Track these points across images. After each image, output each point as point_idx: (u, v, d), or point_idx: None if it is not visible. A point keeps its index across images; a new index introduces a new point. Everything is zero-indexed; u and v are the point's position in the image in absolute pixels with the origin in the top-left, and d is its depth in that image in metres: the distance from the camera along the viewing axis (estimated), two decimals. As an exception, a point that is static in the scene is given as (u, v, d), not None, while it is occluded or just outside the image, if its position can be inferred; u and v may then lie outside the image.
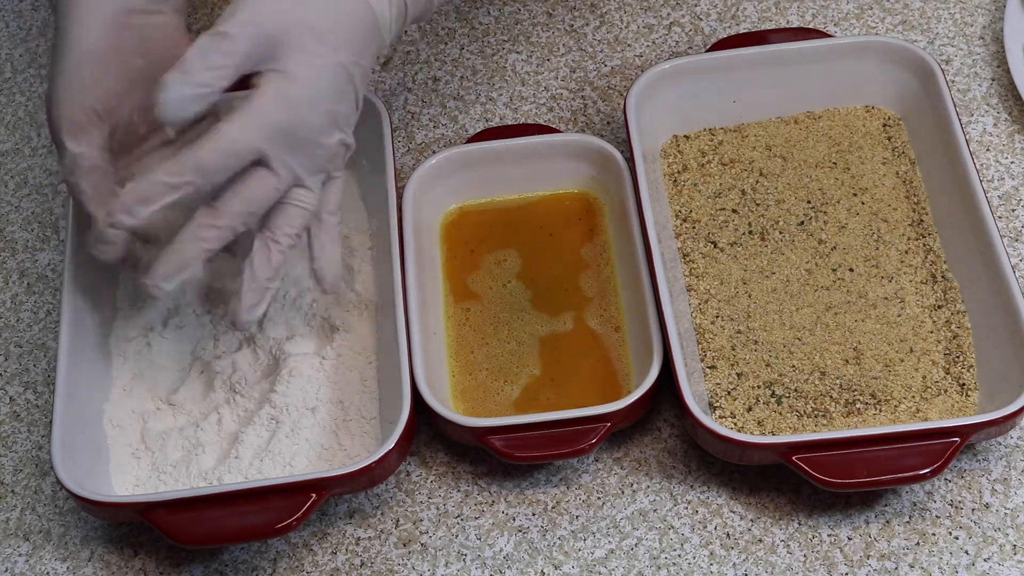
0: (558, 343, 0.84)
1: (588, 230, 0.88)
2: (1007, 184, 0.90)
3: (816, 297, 0.83)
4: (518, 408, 0.82)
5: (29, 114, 1.00)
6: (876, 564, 0.76)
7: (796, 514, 0.79)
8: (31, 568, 0.81)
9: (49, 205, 0.95)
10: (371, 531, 0.80)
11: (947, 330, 0.81)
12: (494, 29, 1.01)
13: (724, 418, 0.79)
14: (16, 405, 0.87)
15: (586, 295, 0.86)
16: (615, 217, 0.87)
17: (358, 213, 0.89)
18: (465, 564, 0.78)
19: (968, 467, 0.79)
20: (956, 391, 0.79)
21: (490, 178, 0.89)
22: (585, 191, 0.90)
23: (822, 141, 0.89)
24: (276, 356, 0.83)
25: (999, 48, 0.95)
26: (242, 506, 0.75)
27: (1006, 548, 0.77)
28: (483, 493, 0.81)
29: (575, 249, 0.88)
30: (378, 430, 0.80)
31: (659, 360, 0.79)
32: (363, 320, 0.84)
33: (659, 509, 0.79)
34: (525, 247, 0.88)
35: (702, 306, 0.83)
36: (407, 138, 0.95)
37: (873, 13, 0.98)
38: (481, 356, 0.84)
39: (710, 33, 0.98)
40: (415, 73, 0.99)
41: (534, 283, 0.87)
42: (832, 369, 0.80)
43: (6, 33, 1.05)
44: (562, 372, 0.83)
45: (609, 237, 0.88)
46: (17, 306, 0.91)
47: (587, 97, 0.96)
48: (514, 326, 0.85)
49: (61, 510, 0.82)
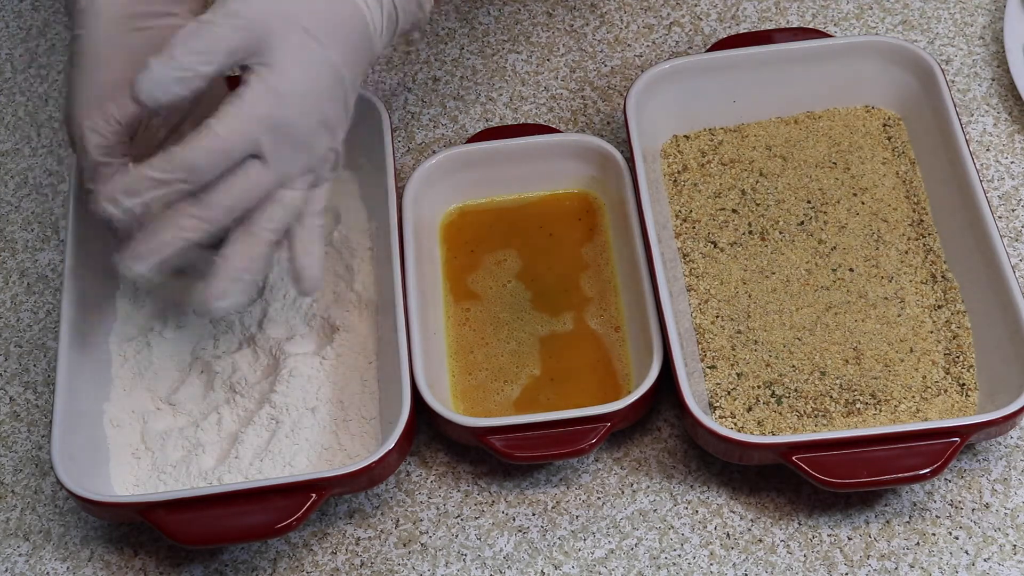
0: (558, 343, 0.84)
1: (588, 230, 0.88)
2: (1007, 184, 0.90)
3: (816, 297, 0.83)
4: (518, 408, 0.82)
5: (29, 114, 1.00)
6: (876, 564, 0.76)
7: (796, 514, 0.79)
8: (31, 568, 0.81)
9: (49, 205, 0.95)
10: (371, 531, 0.80)
11: (947, 330, 0.81)
12: (494, 29, 1.01)
13: (724, 418, 0.79)
14: (16, 405, 0.87)
15: (586, 295, 0.86)
16: (615, 217, 0.87)
17: (358, 213, 0.89)
18: (465, 564, 0.79)
19: (968, 467, 0.79)
20: (956, 391, 0.79)
21: (490, 178, 0.89)
22: (585, 191, 0.90)
23: (822, 141, 0.89)
24: (276, 356, 0.83)
25: (999, 48, 0.95)
26: (242, 506, 0.75)
27: (1006, 548, 0.77)
28: (483, 493, 0.81)
29: (575, 249, 0.88)
30: (378, 430, 0.80)
31: (659, 360, 0.79)
32: (363, 320, 0.84)
33: (659, 509, 0.79)
34: (525, 247, 0.88)
35: (702, 306, 0.83)
36: (407, 138, 0.95)
37: (873, 13, 0.98)
38: (481, 356, 0.84)
39: (710, 33, 0.98)
40: (415, 73, 0.99)
41: (534, 283, 0.87)
42: (832, 369, 0.80)
43: (6, 33, 1.05)
44: (562, 372, 0.83)
45: (609, 237, 0.88)
46: (17, 306, 0.91)
47: (587, 97, 0.96)
48: (514, 326, 0.85)
49: (61, 510, 0.82)
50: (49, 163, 0.97)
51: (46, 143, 0.98)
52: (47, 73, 1.02)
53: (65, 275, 0.83)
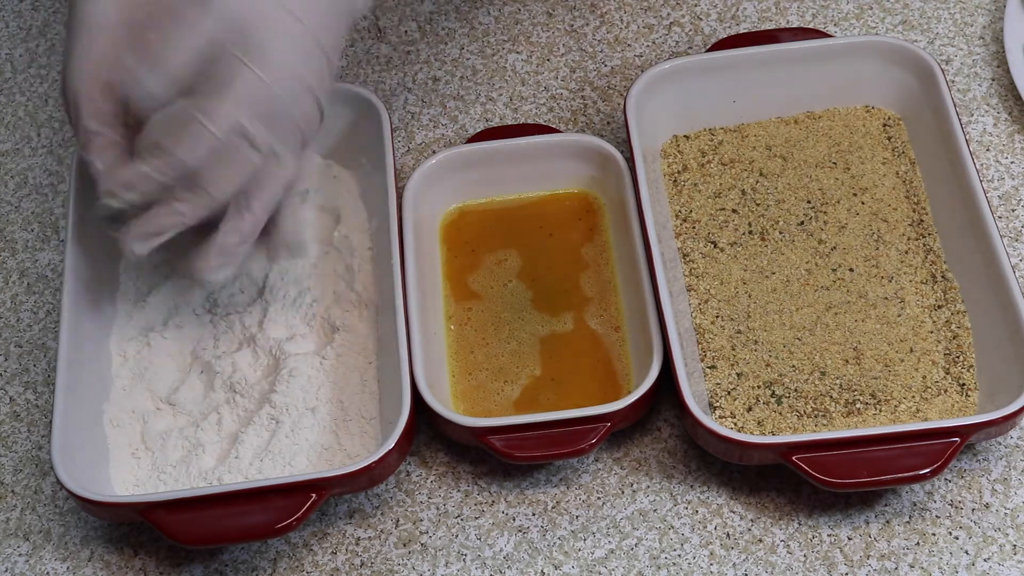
0: (558, 343, 0.84)
1: (588, 230, 0.88)
2: (1007, 184, 0.90)
3: (816, 297, 0.83)
4: (518, 408, 0.82)
5: (29, 114, 1.00)
6: (876, 564, 0.76)
7: (796, 514, 0.79)
8: (31, 568, 0.81)
9: (49, 205, 0.95)
10: (371, 531, 0.80)
11: (947, 330, 0.81)
12: (494, 29, 1.01)
13: (724, 418, 0.79)
14: (16, 405, 0.87)
15: (586, 295, 0.86)
16: (615, 217, 0.87)
17: (358, 213, 0.89)
18: (465, 564, 0.78)
19: (968, 467, 0.79)
20: (956, 391, 0.79)
21: (490, 178, 0.89)
22: (585, 191, 0.90)
23: (822, 141, 0.89)
24: (276, 356, 0.83)
25: (999, 48, 0.95)
26: (242, 506, 0.75)
27: (1006, 548, 0.77)
28: (483, 493, 0.81)
29: (575, 249, 0.88)
30: (378, 430, 0.80)
31: (659, 360, 0.79)
32: (363, 320, 0.84)
33: (659, 509, 0.79)
34: (525, 247, 0.88)
35: (702, 306, 0.83)
36: (407, 138, 0.95)
37: (873, 13, 0.98)
38: (481, 356, 0.84)
39: (710, 33, 0.98)
40: (415, 73, 0.99)
41: (534, 283, 0.87)
42: (832, 369, 0.80)
43: (6, 33, 1.05)
44: (562, 372, 0.83)
45: (609, 237, 0.88)
46: (17, 306, 0.91)
47: (587, 97, 0.96)
48: (514, 326, 0.85)
49: (61, 510, 0.82)
50: (49, 163, 0.97)
51: (46, 143, 0.98)
52: (47, 73, 1.02)
53: (65, 275, 0.83)
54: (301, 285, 0.85)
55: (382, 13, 1.02)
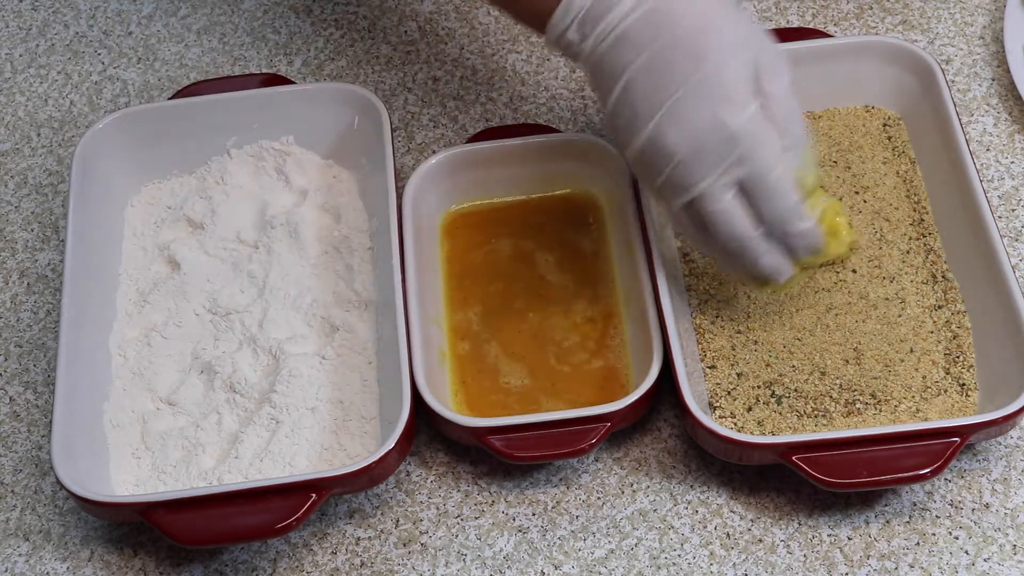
0: (558, 343, 0.84)
1: (588, 230, 0.88)
2: (1007, 184, 0.90)
3: (817, 298, 0.83)
4: (518, 408, 0.82)
5: (29, 114, 1.00)
6: (876, 564, 0.76)
7: (796, 514, 0.79)
8: (31, 568, 0.81)
9: (49, 205, 0.95)
10: (371, 531, 0.80)
11: (947, 330, 0.81)
12: (494, 29, 1.01)
13: (724, 418, 0.79)
14: (16, 405, 0.87)
15: (586, 295, 0.86)
16: (615, 217, 0.87)
17: (358, 213, 0.89)
18: (465, 564, 0.79)
19: (968, 467, 0.79)
20: (956, 391, 0.79)
21: (490, 178, 0.89)
22: (585, 191, 0.90)
23: (822, 141, 0.89)
24: (276, 356, 0.83)
25: (999, 48, 0.95)
26: (242, 506, 0.75)
27: (1006, 548, 0.77)
28: (483, 493, 0.81)
29: (575, 249, 0.88)
30: (378, 430, 0.80)
31: (659, 360, 0.79)
32: (363, 320, 0.84)
33: (659, 509, 0.79)
34: (525, 247, 0.88)
35: (702, 306, 0.83)
36: (407, 138, 0.95)
37: (873, 13, 0.98)
38: (481, 356, 0.84)
39: (710, 33, 0.98)
40: (415, 73, 0.99)
41: (534, 283, 0.87)
42: (832, 369, 0.80)
43: (6, 33, 1.05)
44: (562, 372, 0.83)
45: (609, 237, 0.88)
46: (17, 306, 0.91)
47: (587, 97, 0.96)
48: (514, 326, 0.85)
49: (61, 510, 0.82)
50: (49, 163, 0.97)
51: (46, 143, 0.98)
52: (47, 73, 1.02)
53: (65, 275, 0.83)
54: (301, 285, 0.85)
55: (382, 13, 1.02)
